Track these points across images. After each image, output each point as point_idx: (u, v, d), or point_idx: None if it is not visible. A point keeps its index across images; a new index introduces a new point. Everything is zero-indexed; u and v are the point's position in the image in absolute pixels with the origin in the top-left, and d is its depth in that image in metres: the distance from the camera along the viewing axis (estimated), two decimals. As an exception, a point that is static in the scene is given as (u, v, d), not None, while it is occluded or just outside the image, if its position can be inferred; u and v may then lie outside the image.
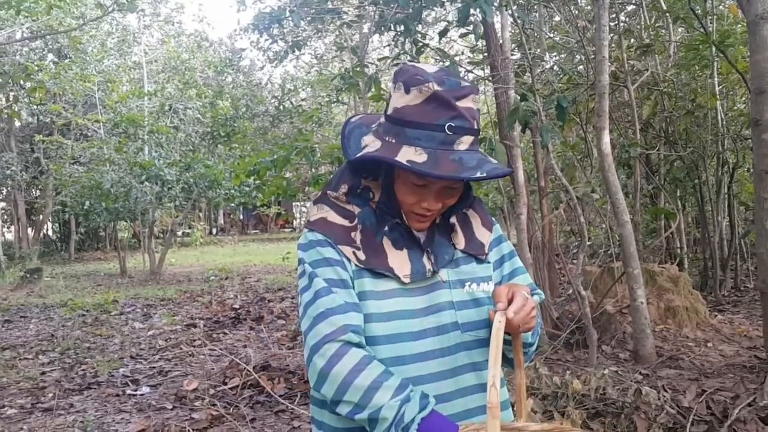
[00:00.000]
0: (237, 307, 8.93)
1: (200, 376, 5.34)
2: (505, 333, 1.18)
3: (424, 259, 1.32)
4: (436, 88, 1.20)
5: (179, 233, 23.37)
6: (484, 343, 1.32)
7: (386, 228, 1.31)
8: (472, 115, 1.23)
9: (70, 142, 15.34)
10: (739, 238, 8.25)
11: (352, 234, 1.30)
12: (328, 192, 1.37)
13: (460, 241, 1.38)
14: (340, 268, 1.27)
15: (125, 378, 5.58)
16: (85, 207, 13.54)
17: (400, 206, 1.31)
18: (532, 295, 1.42)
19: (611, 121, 7.71)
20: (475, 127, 1.24)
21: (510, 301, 1.18)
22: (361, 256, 1.28)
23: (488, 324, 1.30)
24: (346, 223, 1.32)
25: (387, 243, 1.31)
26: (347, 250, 1.29)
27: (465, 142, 1.22)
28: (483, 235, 1.41)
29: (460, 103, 1.21)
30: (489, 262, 1.41)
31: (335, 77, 8.07)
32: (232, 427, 4.16)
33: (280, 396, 4.63)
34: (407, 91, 1.23)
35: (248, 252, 20.60)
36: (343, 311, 1.22)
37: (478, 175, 1.19)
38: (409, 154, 1.20)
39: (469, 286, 1.35)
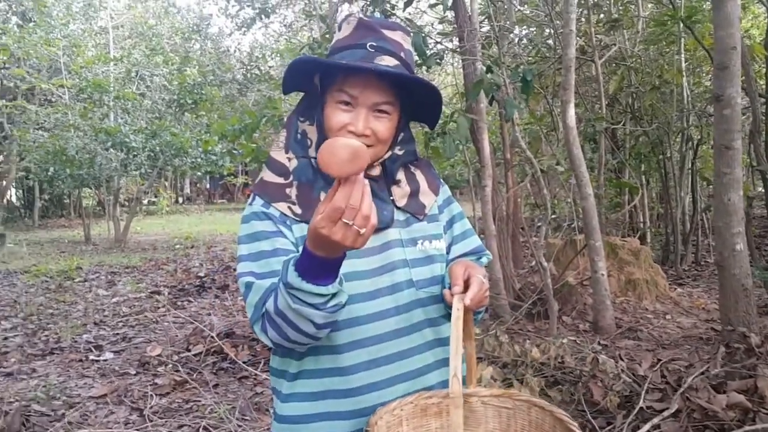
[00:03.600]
0: (202, 275, 8.88)
1: (164, 343, 5.32)
2: None
3: None
4: (362, 17, 1.26)
5: (145, 201, 23.12)
6: (439, 299, 1.33)
7: (322, 182, 1.29)
8: (400, 47, 1.27)
9: (35, 107, 14.99)
10: (701, 213, 8.41)
11: (287, 190, 1.29)
12: (272, 148, 1.38)
13: (401, 198, 1.37)
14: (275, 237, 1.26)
15: (88, 344, 5.55)
16: (50, 173, 13.28)
17: None
18: (480, 257, 1.45)
19: (578, 96, 7.77)
20: (402, 56, 1.27)
21: (466, 285, 1.20)
22: (297, 210, 1.27)
23: (440, 282, 1.33)
24: (281, 180, 1.31)
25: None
26: (282, 206, 1.28)
27: (387, 60, 1.24)
28: (427, 198, 1.41)
29: (387, 32, 1.27)
30: (438, 221, 1.41)
31: (303, 47, 7.96)
32: (195, 392, 4.17)
33: (243, 363, 4.66)
34: (340, 28, 1.30)
35: (214, 221, 20.42)
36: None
37: (393, 71, 1.21)
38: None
39: (422, 243, 1.35)
